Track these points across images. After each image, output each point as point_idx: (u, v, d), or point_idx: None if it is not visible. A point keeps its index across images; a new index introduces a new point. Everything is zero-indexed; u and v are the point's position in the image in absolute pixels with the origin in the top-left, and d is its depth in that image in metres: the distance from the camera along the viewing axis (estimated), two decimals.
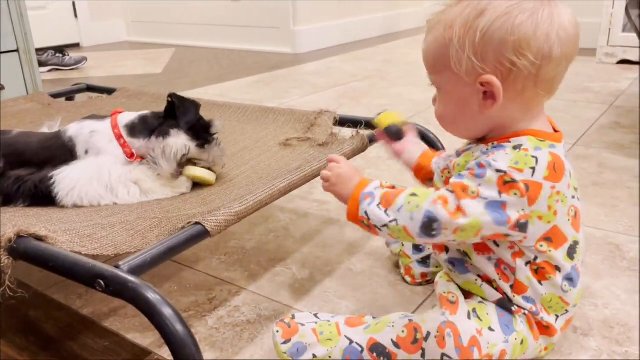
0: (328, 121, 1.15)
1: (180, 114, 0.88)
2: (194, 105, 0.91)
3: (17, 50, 1.66)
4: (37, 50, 1.79)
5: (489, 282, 0.70)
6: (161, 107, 0.95)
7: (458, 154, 0.72)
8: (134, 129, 0.89)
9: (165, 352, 0.78)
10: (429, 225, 0.62)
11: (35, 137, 0.91)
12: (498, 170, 0.62)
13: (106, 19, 4.12)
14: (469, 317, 0.67)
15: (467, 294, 0.72)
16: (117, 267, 0.61)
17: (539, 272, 0.67)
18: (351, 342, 0.70)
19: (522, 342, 0.68)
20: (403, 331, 0.68)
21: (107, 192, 0.85)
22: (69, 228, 0.74)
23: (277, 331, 0.72)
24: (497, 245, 0.67)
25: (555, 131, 0.69)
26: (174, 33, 4.01)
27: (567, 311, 0.70)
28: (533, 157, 0.62)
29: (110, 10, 4.13)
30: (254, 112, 1.31)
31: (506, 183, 0.61)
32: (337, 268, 1.00)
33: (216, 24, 3.78)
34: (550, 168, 0.63)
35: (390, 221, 0.65)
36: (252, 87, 2.54)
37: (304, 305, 0.89)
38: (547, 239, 0.65)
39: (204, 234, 0.70)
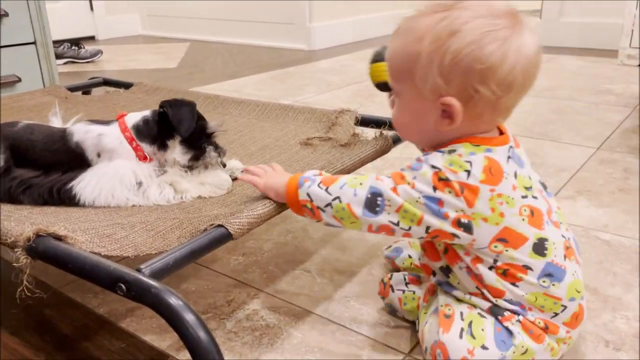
0: (349, 121, 1.13)
1: (175, 124, 0.85)
2: (189, 109, 0.86)
3: (34, 43, 1.65)
4: (53, 42, 1.78)
5: (477, 292, 0.70)
6: None
7: None
8: (140, 133, 0.87)
9: (183, 357, 0.77)
10: (374, 200, 0.65)
11: (39, 134, 0.88)
12: (433, 166, 0.64)
13: (121, 12, 4.12)
14: (460, 336, 0.66)
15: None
16: (139, 270, 0.59)
17: (508, 275, 0.66)
18: None
19: (525, 352, 0.67)
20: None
21: (133, 193, 0.83)
22: (88, 227, 0.73)
23: None
24: (455, 251, 0.68)
25: (501, 133, 0.69)
26: (189, 28, 4.00)
27: (564, 306, 0.68)
28: (467, 161, 0.64)
29: (125, 4, 4.12)
30: (273, 109, 1.29)
31: (440, 180, 0.63)
32: (357, 272, 0.97)
33: (231, 19, 3.76)
34: (487, 172, 0.63)
35: (333, 199, 0.67)
36: (266, 83, 2.52)
37: (324, 310, 0.86)
38: (501, 239, 0.65)
39: (226, 236, 0.68)
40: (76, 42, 3.10)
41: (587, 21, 3.08)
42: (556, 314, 0.68)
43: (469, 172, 0.63)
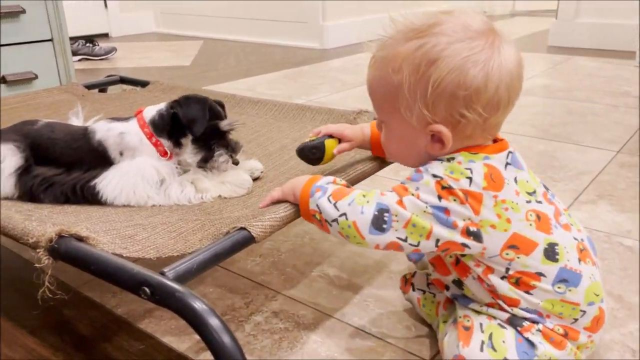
0: (368, 121, 1.11)
1: (186, 124, 0.84)
2: (200, 107, 0.84)
3: (51, 40, 1.66)
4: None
5: (493, 303, 0.68)
6: None
7: None
8: (157, 127, 0.86)
9: (203, 359, 0.76)
10: (380, 217, 0.63)
11: (60, 132, 0.88)
12: (435, 175, 0.63)
13: (135, 10, 4.13)
14: (481, 349, 0.64)
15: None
16: (163, 274, 0.58)
17: (521, 284, 0.65)
18: None
19: None
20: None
21: (155, 191, 0.83)
22: (109, 228, 0.72)
23: None
24: (465, 263, 0.66)
25: (495, 141, 0.68)
26: (202, 25, 4.00)
27: (583, 311, 0.66)
28: (467, 169, 0.63)
29: (139, 2, 4.13)
30: (290, 109, 1.28)
31: (444, 188, 0.62)
32: (376, 275, 0.96)
33: (244, 17, 3.75)
34: (488, 178, 0.63)
35: (340, 215, 0.65)
36: (279, 82, 2.51)
37: (343, 314, 0.85)
38: (512, 246, 0.63)
39: (249, 239, 0.67)
40: (90, 39, 3.11)
41: (602, 22, 3.05)
42: (576, 320, 0.67)
43: (470, 179, 0.62)
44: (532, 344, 0.65)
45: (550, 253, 0.65)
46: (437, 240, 0.63)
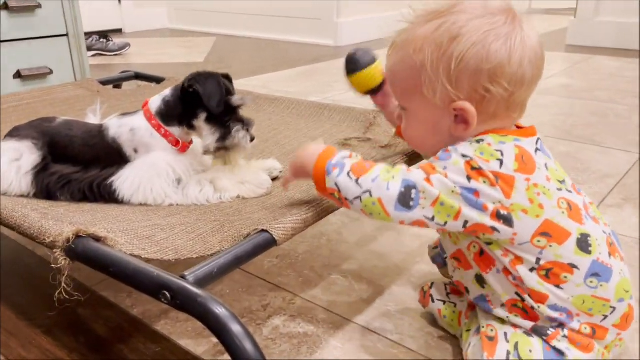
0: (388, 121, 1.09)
1: (206, 101, 0.80)
2: (215, 81, 0.81)
3: (66, 35, 1.65)
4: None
5: (516, 308, 0.65)
6: None
7: None
8: (164, 116, 0.83)
9: None
10: (407, 194, 0.60)
11: (77, 130, 0.86)
12: (464, 155, 0.61)
13: (149, 5, 4.12)
14: (507, 359, 0.63)
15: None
16: (183, 277, 0.56)
17: (551, 276, 0.62)
18: None
19: None
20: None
21: (173, 189, 0.81)
22: (127, 228, 0.70)
23: None
24: (493, 252, 0.63)
25: (519, 128, 0.67)
26: (215, 22, 3.98)
27: (613, 308, 0.64)
28: (498, 150, 0.61)
29: None
30: (308, 108, 1.26)
31: (474, 169, 0.60)
32: (396, 278, 0.94)
33: (257, 14, 3.73)
34: (519, 160, 0.61)
35: (364, 192, 0.62)
36: (293, 79, 2.49)
37: (363, 320, 0.83)
38: (544, 234, 0.61)
39: (270, 242, 0.65)
40: (104, 34, 3.10)
41: (623, 21, 2.99)
42: (605, 317, 0.64)
43: (501, 161, 0.60)
44: (560, 352, 0.63)
45: (584, 244, 0.62)
46: (466, 222, 0.60)
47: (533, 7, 5.24)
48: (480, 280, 0.68)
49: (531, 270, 0.62)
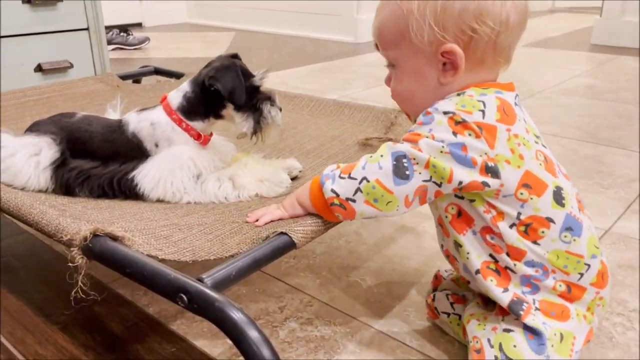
0: (409, 120, 1.07)
1: (228, 97, 0.80)
2: (234, 74, 0.80)
3: (87, 29, 1.65)
4: None
5: (489, 270, 0.65)
6: None
7: None
8: (186, 112, 0.82)
9: None
10: (400, 164, 0.61)
11: (97, 125, 0.86)
12: (446, 112, 0.61)
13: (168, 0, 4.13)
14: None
15: (498, 309, 0.67)
16: (201, 280, 0.55)
17: (530, 232, 0.63)
18: None
19: (562, 338, 0.63)
20: None
21: (192, 185, 0.80)
22: (144, 227, 0.69)
23: None
24: (475, 209, 0.63)
25: None
26: (234, 17, 3.98)
27: (587, 265, 0.64)
28: (479, 101, 0.61)
29: None
30: (328, 106, 1.24)
31: (458, 123, 0.60)
32: (415, 283, 0.92)
33: (276, 9, 3.72)
34: (500, 110, 0.61)
35: (360, 181, 0.62)
36: (312, 76, 2.47)
37: (382, 325, 0.81)
38: (525, 185, 0.62)
39: (290, 245, 0.64)
40: (124, 28, 3.11)
41: None
42: (581, 275, 0.64)
43: (483, 112, 0.61)
44: (538, 334, 0.62)
45: (558, 197, 0.63)
46: (460, 183, 0.60)
47: (557, 5, 5.15)
48: (456, 245, 0.67)
49: (511, 226, 0.63)
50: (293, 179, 0.86)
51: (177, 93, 0.84)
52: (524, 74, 2.43)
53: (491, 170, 0.60)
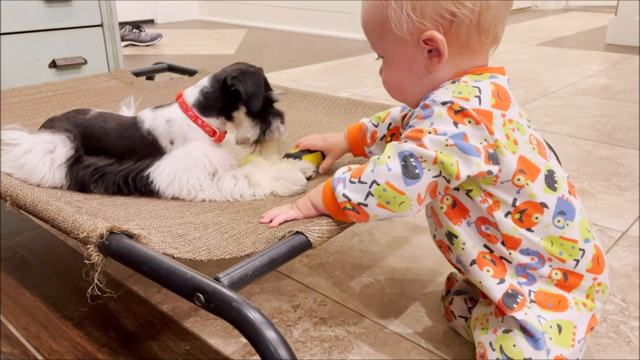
0: None
1: (246, 100, 0.81)
2: (257, 81, 0.81)
3: (101, 25, 1.65)
4: None
5: (485, 260, 0.65)
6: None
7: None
8: (202, 107, 0.83)
9: None
10: (408, 164, 0.60)
11: (112, 122, 0.86)
12: (444, 103, 0.60)
13: None
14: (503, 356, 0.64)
15: (496, 310, 0.67)
16: (218, 280, 0.54)
17: (524, 219, 0.63)
18: None
19: (561, 329, 0.63)
20: None
21: (207, 182, 0.80)
22: (160, 225, 0.69)
23: None
24: (471, 199, 0.63)
25: None
26: (246, 14, 3.98)
27: (582, 250, 0.64)
28: (475, 87, 0.61)
29: None
30: (341, 104, 1.23)
31: (457, 112, 0.60)
32: (429, 284, 0.91)
33: (288, 7, 3.71)
34: (495, 96, 0.61)
35: (370, 185, 0.62)
36: (323, 74, 2.46)
37: (397, 325, 0.81)
38: (521, 171, 0.62)
39: (306, 245, 0.63)
40: (137, 25, 3.12)
41: None
42: (577, 262, 0.64)
43: (479, 97, 0.60)
44: (535, 337, 0.62)
45: (550, 181, 0.64)
46: (468, 177, 0.60)
47: (570, 4, 5.10)
48: (450, 236, 0.67)
49: (506, 215, 0.63)
50: (307, 179, 0.86)
51: (194, 89, 0.84)
52: (538, 73, 2.40)
53: (492, 157, 0.60)
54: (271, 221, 0.70)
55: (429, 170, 0.60)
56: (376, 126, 0.85)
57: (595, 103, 1.93)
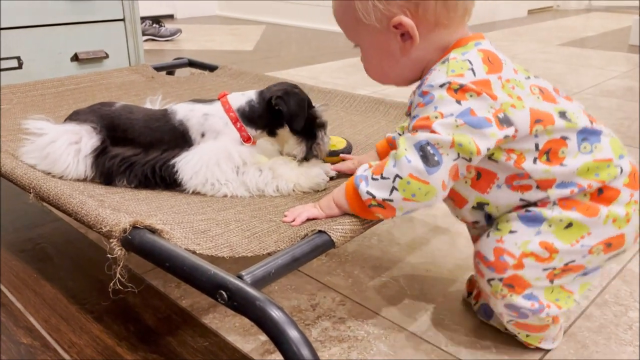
0: None
1: (288, 121, 0.83)
2: (301, 104, 0.83)
3: (123, 20, 1.66)
4: None
5: (521, 209, 0.67)
6: (263, 87, 0.88)
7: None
8: (246, 116, 0.83)
9: None
10: (426, 153, 0.60)
11: (138, 114, 0.86)
12: (442, 85, 0.61)
13: None
14: (487, 235, 0.67)
15: None
16: (241, 277, 0.54)
17: (552, 157, 0.64)
18: None
19: (569, 224, 0.64)
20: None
21: (232, 175, 0.80)
22: (182, 220, 0.69)
23: None
24: (496, 162, 0.64)
25: None
26: (264, 10, 3.98)
27: (619, 166, 0.64)
28: (465, 60, 0.62)
29: None
30: (362, 102, 1.22)
31: (457, 90, 0.60)
32: (450, 286, 0.90)
33: (306, 3, 3.70)
34: (486, 62, 0.62)
35: (394, 180, 0.62)
36: (342, 71, 2.45)
37: (417, 327, 0.80)
38: (537, 121, 0.63)
39: (329, 244, 0.63)
40: (157, 20, 3.14)
41: None
42: (615, 178, 0.64)
43: (472, 69, 0.61)
44: (541, 213, 0.64)
45: (564, 119, 0.64)
46: (488, 149, 0.61)
47: (593, 4, 5.03)
48: (480, 206, 0.69)
49: (534, 161, 0.63)
50: (330, 179, 0.85)
51: (242, 97, 0.85)
52: (561, 74, 2.37)
53: (504, 121, 0.61)
54: (294, 220, 0.70)
55: (447, 155, 0.60)
56: (401, 135, 0.85)
57: (620, 105, 1.89)
